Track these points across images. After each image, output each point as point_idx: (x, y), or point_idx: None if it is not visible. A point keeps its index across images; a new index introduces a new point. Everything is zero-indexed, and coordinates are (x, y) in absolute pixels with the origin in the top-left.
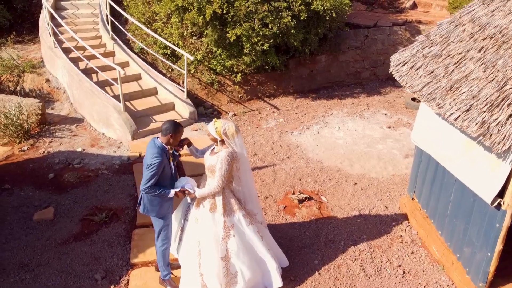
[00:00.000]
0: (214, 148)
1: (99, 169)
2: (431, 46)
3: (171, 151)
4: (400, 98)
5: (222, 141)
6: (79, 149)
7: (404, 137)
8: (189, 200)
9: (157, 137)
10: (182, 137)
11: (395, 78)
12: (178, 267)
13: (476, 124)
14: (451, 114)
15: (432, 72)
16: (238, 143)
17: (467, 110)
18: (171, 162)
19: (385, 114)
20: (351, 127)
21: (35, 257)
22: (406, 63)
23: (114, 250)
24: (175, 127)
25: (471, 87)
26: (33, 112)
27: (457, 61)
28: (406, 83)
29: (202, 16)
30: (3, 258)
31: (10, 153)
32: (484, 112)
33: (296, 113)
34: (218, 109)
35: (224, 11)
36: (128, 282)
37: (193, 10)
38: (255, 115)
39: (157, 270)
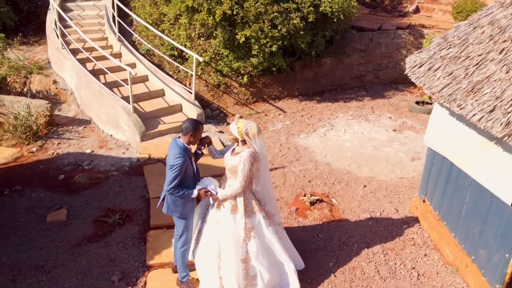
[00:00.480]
0: (235, 148)
1: (109, 170)
2: (449, 48)
3: (193, 150)
4: (403, 102)
5: (244, 141)
6: (88, 151)
7: (409, 140)
8: (211, 201)
9: (178, 137)
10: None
11: (412, 79)
12: (195, 269)
13: (501, 124)
14: (474, 115)
15: (451, 73)
16: (259, 143)
17: (491, 111)
18: (193, 162)
19: (390, 117)
20: (357, 130)
21: (51, 258)
22: (422, 65)
23: (129, 252)
24: (195, 126)
25: (494, 88)
26: (42, 113)
27: (478, 63)
28: (424, 85)
29: (212, 17)
30: (18, 259)
31: (19, 155)
32: (510, 112)
33: (302, 115)
34: (224, 111)
35: (234, 12)
36: (145, 284)
37: (203, 11)
38: (261, 118)
39: (174, 271)
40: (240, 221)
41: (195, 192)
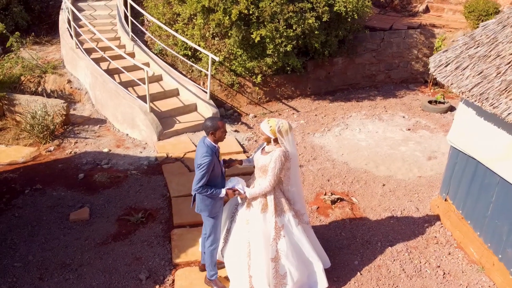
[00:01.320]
0: (264, 147)
1: (128, 169)
2: (477, 47)
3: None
4: (416, 101)
5: (276, 140)
6: (105, 150)
7: (424, 140)
8: (239, 201)
9: (205, 136)
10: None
11: (438, 78)
12: (223, 267)
13: None
14: (509, 114)
15: (481, 72)
16: (290, 141)
17: None
18: (221, 161)
19: (403, 117)
20: (371, 129)
21: (76, 257)
22: (449, 64)
23: (155, 250)
24: (213, 124)
25: None
26: (58, 112)
27: (509, 62)
28: (452, 84)
29: (227, 17)
30: (44, 258)
31: (37, 154)
32: None
33: (316, 115)
34: (238, 110)
35: (250, 12)
36: (173, 282)
37: (219, 10)
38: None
39: (202, 270)
40: (271, 220)
41: (223, 192)
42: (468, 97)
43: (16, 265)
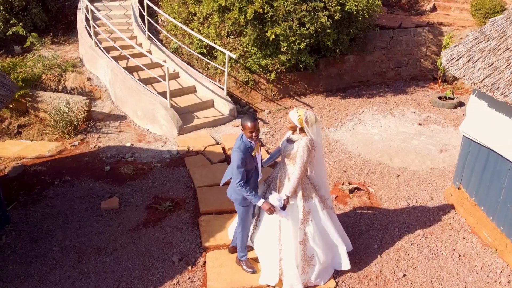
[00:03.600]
0: (290, 136)
1: (151, 162)
2: (487, 41)
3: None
4: (426, 97)
5: (301, 129)
6: (128, 144)
7: (436, 134)
8: (265, 188)
9: None
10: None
11: (450, 71)
12: (252, 249)
13: None
14: None
15: (491, 64)
16: (316, 131)
17: None
18: (255, 156)
19: (414, 112)
20: (383, 124)
21: (111, 241)
22: (460, 57)
23: (184, 235)
24: (242, 122)
25: None
26: (80, 109)
27: None
28: (464, 76)
29: (243, 16)
30: (80, 243)
31: (62, 148)
32: None
33: (329, 110)
34: (253, 106)
35: (265, 11)
36: (204, 264)
37: (235, 9)
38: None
39: (231, 252)
40: (299, 204)
41: (260, 202)
42: (480, 88)
43: (54, 249)
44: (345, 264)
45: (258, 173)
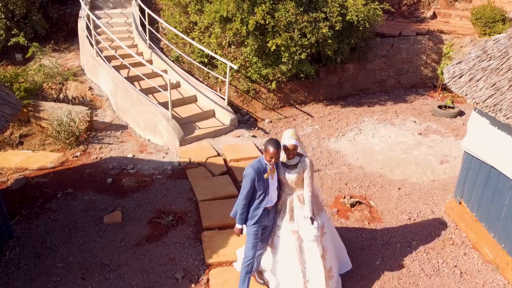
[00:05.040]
0: (286, 162)
1: (153, 174)
2: (489, 60)
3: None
4: (426, 106)
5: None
6: (129, 155)
7: (436, 144)
8: (279, 219)
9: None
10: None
11: (452, 89)
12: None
13: None
14: None
15: (494, 84)
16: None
17: None
18: (267, 179)
19: (414, 121)
20: (384, 134)
21: (114, 257)
22: (462, 75)
23: (187, 251)
24: (266, 144)
25: None
26: (82, 119)
27: None
28: (466, 94)
29: (245, 27)
30: (84, 258)
31: (64, 159)
32: None
33: (330, 120)
34: (254, 116)
35: (266, 22)
36: (208, 281)
37: (236, 20)
38: (290, 122)
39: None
40: (315, 222)
41: (239, 226)
42: (482, 108)
43: (58, 265)
44: (348, 264)
45: (267, 197)
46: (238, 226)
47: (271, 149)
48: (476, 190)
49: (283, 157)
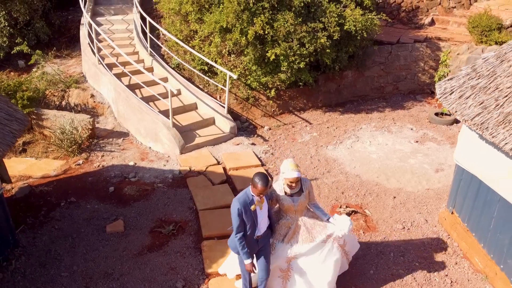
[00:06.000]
0: (290, 192)
1: (154, 182)
2: (478, 78)
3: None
4: (423, 113)
5: None
6: (131, 163)
7: (432, 152)
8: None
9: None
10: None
11: (443, 105)
12: None
13: None
14: (506, 143)
15: (482, 103)
16: None
17: None
18: (254, 211)
19: (411, 129)
20: (381, 141)
21: (117, 267)
22: (453, 92)
23: (188, 261)
24: (255, 179)
25: None
26: (84, 127)
27: (507, 95)
28: (456, 111)
29: (244, 37)
30: (88, 268)
31: (67, 167)
32: None
33: (328, 127)
34: (253, 123)
35: (265, 32)
36: None
37: (236, 31)
38: (289, 129)
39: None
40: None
41: (247, 262)
42: (470, 125)
43: (63, 274)
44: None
45: (256, 228)
46: (247, 261)
47: (259, 186)
48: (467, 201)
49: (286, 190)
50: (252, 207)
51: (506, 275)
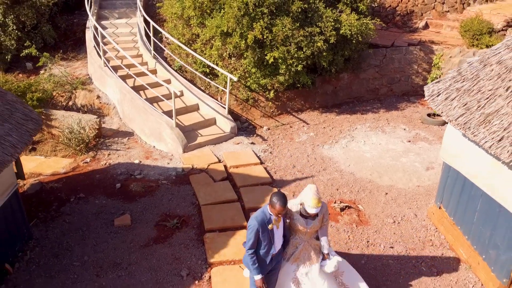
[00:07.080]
0: (301, 215)
1: (158, 179)
2: (463, 81)
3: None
4: (416, 114)
5: None
6: (136, 161)
7: (423, 151)
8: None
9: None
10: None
11: (431, 106)
12: None
13: (508, 152)
14: (486, 142)
15: (465, 104)
16: None
17: (500, 140)
18: (271, 230)
19: (404, 129)
20: (375, 141)
21: (125, 257)
22: (440, 94)
23: (191, 252)
24: (273, 199)
25: (502, 120)
26: (91, 127)
27: (488, 97)
28: (442, 112)
29: (244, 41)
30: (98, 258)
31: (75, 165)
32: None
33: (324, 127)
34: (253, 123)
35: (264, 36)
36: (210, 278)
37: (236, 35)
38: (287, 129)
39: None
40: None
41: (258, 277)
42: (454, 125)
43: (75, 264)
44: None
45: (272, 247)
46: (257, 277)
47: (277, 206)
48: (453, 197)
49: (302, 211)
50: (270, 226)
51: (488, 264)
